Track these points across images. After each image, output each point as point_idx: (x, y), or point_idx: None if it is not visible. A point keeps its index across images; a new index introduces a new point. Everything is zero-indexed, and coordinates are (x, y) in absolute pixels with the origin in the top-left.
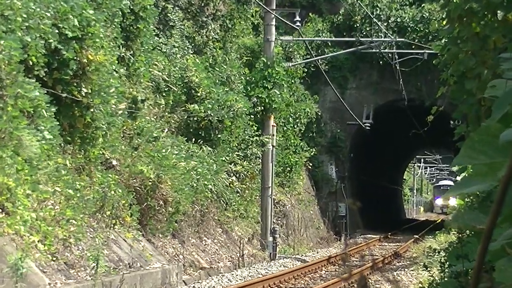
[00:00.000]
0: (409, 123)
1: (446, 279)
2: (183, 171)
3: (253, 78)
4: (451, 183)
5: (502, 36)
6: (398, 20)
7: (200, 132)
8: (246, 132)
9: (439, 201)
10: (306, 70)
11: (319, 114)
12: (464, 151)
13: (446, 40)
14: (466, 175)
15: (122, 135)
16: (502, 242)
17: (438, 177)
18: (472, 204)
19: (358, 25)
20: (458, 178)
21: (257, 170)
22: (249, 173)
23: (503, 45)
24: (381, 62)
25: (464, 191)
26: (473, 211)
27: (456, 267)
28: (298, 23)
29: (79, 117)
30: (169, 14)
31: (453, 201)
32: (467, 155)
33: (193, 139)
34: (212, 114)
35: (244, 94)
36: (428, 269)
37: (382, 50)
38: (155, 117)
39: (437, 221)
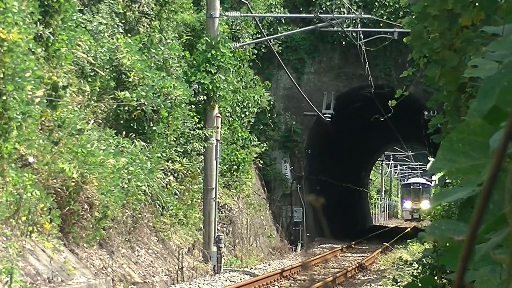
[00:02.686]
0: (377, 114)
1: None
2: (111, 170)
3: (194, 61)
4: (422, 180)
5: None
6: None
7: (131, 124)
8: (185, 124)
9: (408, 204)
10: (256, 51)
11: (271, 103)
12: (442, 153)
13: (415, 16)
14: (442, 174)
15: (40, 128)
16: (488, 248)
17: (410, 176)
18: (450, 208)
19: None
20: (434, 177)
21: (198, 168)
22: (189, 172)
23: (480, 23)
24: (343, 43)
25: (446, 201)
26: (452, 221)
27: (428, 278)
28: None
29: None
30: None
31: (426, 204)
32: (445, 158)
33: (124, 132)
34: (146, 103)
35: (183, 79)
36: (398, 283)
37: (345, 29)
38: (79, 106)
39: (408, 229)
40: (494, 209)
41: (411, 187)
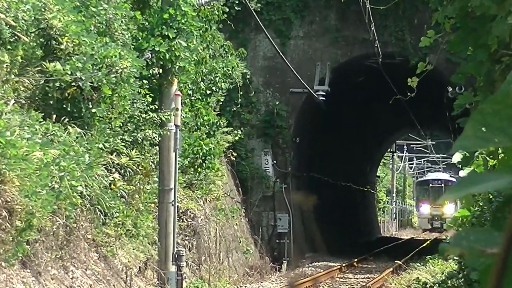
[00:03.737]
0: (385, 91)
1: None
2: (38, 165)
3: (147, 23)
4: (445, 176)
5: None
6: None
7: (64, 105)
8: (135, 105)
9: (425, 209)
10: (227, 9)
11: (248, 76)
12: (472, 129)
13: None
14: (473, 168)
15: None
16: None
17: (429, 171)
18: (483, 214)
19: None
20: (461, 173)
21: (152, 163)
22: (140, 167)
23: None
24: None
25: (475, 191)
26: (483, 229)
27: None
28: None
29: None
30: None
31: (451, 209)
32: (476, 136)
33: (54, 116)
34: (83, 78)
35: (132, 47)
36: None
37: None
38: None
39: (428, 242)
40: None
41: (430, 185)
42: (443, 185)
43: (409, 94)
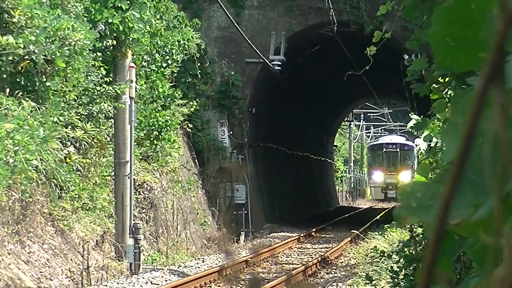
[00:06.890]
0: (341, 60)
1: None
2: None
3: None
4: (401, 139)
5: None
6: None
7: (18, 79)
8: (89, 78)
9: (378, 177)
10: None
11: (202, 47)
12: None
13: None
14: (430, 133)
15: None
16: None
17: (383, 135)
18: None
19: None
20: (418, 140)
21: (108, 136)
22: (95, 141)
23: None
24: None
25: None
26: (428, 183)
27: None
28: None
29: None
30: None
31: (407, 177)
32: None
33: (8, 90)
34: (36, 51)
35: (85, 18)
36: (374, 282)
37: None
38: None
39: (385, 211)
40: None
41: (384, 149)
42: (398, 149)
43: (365, 68)
